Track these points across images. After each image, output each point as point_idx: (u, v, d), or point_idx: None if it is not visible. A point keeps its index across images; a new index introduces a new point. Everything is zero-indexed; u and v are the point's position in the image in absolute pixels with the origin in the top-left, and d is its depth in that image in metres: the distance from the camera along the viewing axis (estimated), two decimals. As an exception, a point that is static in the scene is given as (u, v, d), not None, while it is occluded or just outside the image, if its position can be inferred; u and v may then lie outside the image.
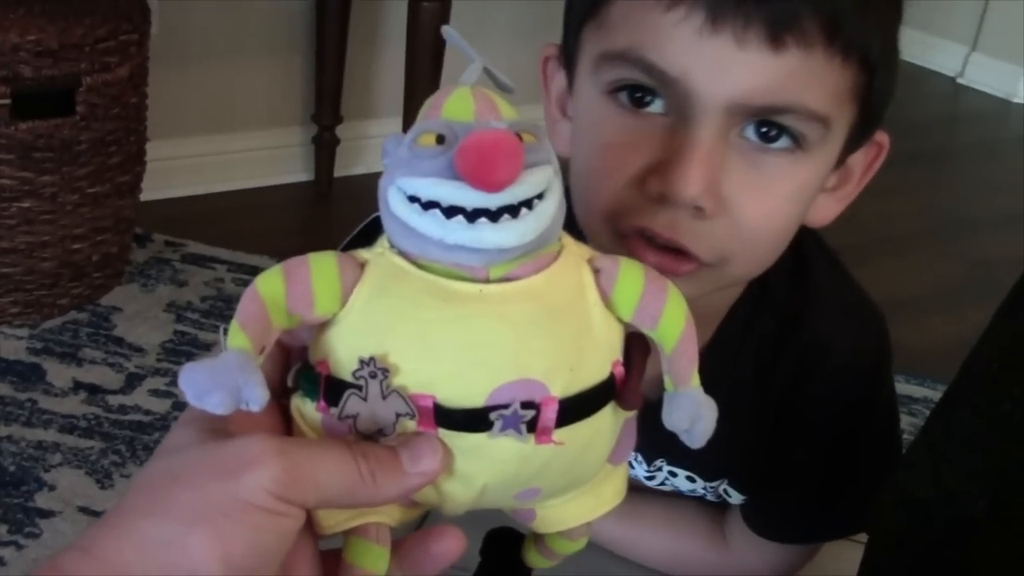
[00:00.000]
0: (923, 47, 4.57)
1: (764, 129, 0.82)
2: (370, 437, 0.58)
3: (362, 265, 0.59)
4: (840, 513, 1.03)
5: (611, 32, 0.84)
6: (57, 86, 1.99)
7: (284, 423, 0.62)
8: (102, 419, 1.92)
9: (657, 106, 0.83)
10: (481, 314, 0.57)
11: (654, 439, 1.02)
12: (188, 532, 0.53)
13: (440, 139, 0.56)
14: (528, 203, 0.56)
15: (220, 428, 0.58)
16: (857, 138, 0.89)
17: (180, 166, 2.69)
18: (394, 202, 0.57)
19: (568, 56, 0.92)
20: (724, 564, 1.10)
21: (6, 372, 2.00)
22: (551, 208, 0.58)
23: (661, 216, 0.84)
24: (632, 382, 0.62)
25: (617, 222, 0.86)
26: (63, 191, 2.06)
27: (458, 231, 0.56)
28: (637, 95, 0.84)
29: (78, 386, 1.99)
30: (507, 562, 0.71)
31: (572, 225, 0.85)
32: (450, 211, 0.55)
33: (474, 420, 0.57)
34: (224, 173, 2.78)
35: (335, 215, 2.82)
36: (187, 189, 2.72)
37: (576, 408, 0.58)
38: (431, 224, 0.56)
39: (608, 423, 0.62)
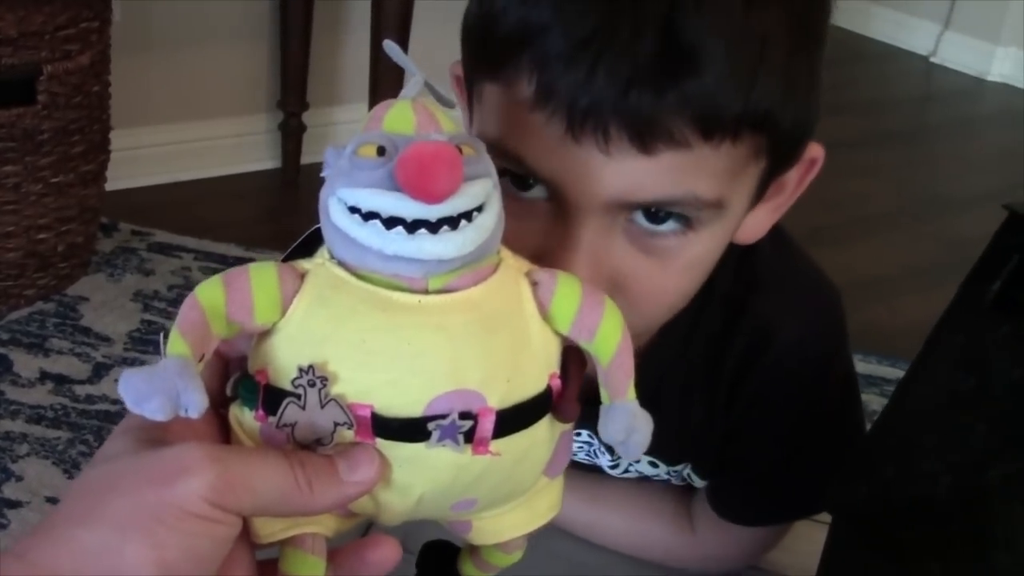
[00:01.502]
0: (896, 26, 4.59)
1: (652, 211, 0.79)
2: (308, 446, 0.58)
3: (302, 275, 0.60)
4: (800, 495, 1.03)
5: (486, 115, 0.81)
6: (17, 74, 1.96)
7: (222, 432, 0.62)
8: (69, 409, 1.90)
9: (539, 191, 0.80)
10: (419, 324, 0.57)
11: None
12: (123, 539, 0.53)
13: (380, 151, 0.57)
14: (467, 215, 0.57)
15: (157, 437, 0.58)
16: (778, 171, 0.85)
17: (146, 155, 2.67)
18: (334, 212, 0.58)
19: (468, 87, 0.88)
20: (689, 547, 1.09)
21: (-29, 362, 1.99)
22: (490, 220, 0.59)
23: None
24: (568, 394, 0.62)
25: None
26: (26, 181, 2.04)
27: (397, 242, 0.56)
28: (518, 179, 0.80)
29: (45, 376, 1.98)
30: (443, 574, 0.71)
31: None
32: (390, 222, 0.56)
33: (411, 430, 0.57)
34: (190, 161, 2.76)
35: (302, 202, 2.80)
36: (153, 178, 2.70)
37: (513, 419, 0.59)
38: (371, 234, 0.56)
39: (544, 435, 0.62)
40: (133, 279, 2.30)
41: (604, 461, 1.08)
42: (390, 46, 0.65)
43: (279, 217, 2.70)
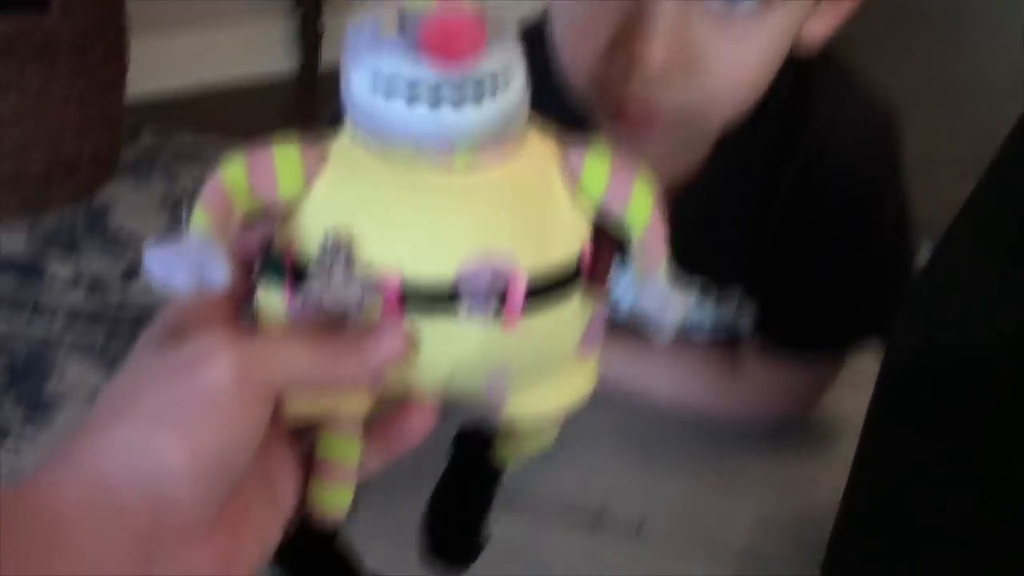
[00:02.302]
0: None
1: None
2: (335, 322, 0.58)
3: (325, 152, 0.59)
4: (849, 320, 1.02)
5: None
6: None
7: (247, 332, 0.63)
8: (105, 310, 1.92)
9: None
10: (446, 195, 0.57)
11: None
12: (154, 433, 0.53)
13: (402, 25, 0.56)
14: (493, 88, 0.56)
15: (180, 336, 0.58)
16: None
17: (166, 59, 2.66)
18: (356, 86, 0.57)
19: None
20: (736, 395, 1.08)
21: (7, 269, 2.00)
22: (514, 94, 0.58)
23: (633, 81, 0.85)
24: (599, 269, 0.61)
25: (598, 90, 0.86)
26: (47, 88, 2.04)
27: (420, 115, 0.55)
28: None
29: (79, 280, 2.00)
30: (477, 460, 0.71)
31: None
32: (412, 95, 0.55)
33: (440, 298, 0.57)
34: (210, 64, 2.76)
35: (322, 104, 2.79)
36: (173, 82, 2.70)
37: (542, 290, 0.58)
38: (394, 109, 0.56)
39: (576, 310, 0.61)
40: (160, 182, 2.30)
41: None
42: None
43: (299, 117, 2.70)
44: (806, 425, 1.10)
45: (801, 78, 0.97)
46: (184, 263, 0.54)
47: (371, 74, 0.56)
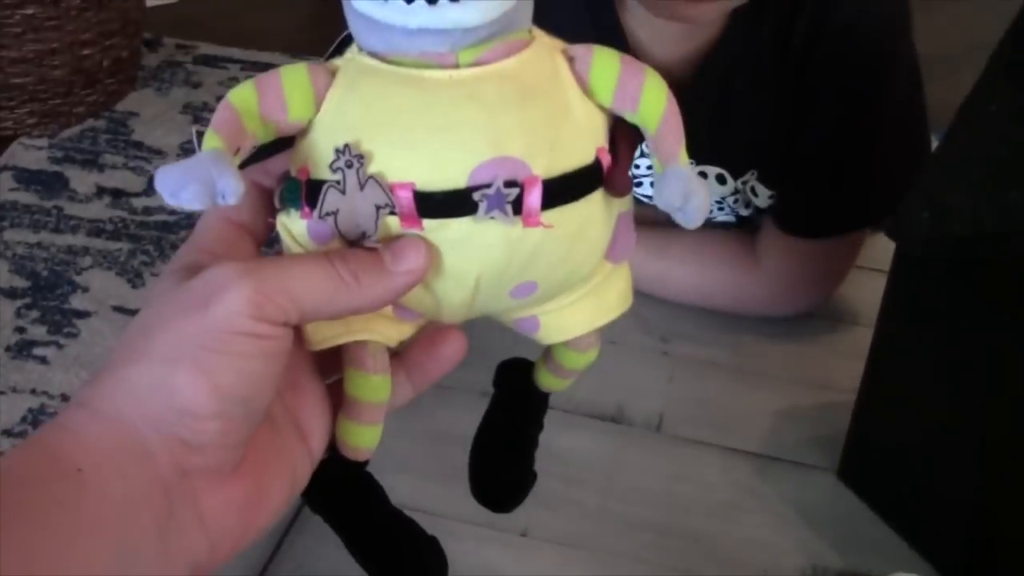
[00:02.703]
0: None
1: None
2: (354, 241, 0.57)
3: (333, 71, 0.58)
4: (864, 199, 1.02)
5: None
6: None
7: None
8: (128, 222, 1.92)
9: None
10: (452, 97, 0.56)
11: (687, 131, 1.02)
12: (173, 371, 0.52)
13: None
14: None
15: (197, 271, 0.57)
16: None
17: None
18: None
19: None
20: (756, 285, 1.08)
21: (30, 182, 2.00)
22: None
23: None
24: (620, 167, 0.60)
25: None
26: (66, -4, 2.03)
27: (420, 14, 0.54)
28: None
29: (101, 191, 2.00)
30: (521, 388, 0.71)
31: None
32: None
33: (457, 202, 0.55)
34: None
35: (342, 14, 2.78)
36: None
37: (561, 189, 0.57)
38: (393, 11, 0.54)
39: (599, 211, 0.60)
40: (181, 92, 2.30)
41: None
42: None
43: (320, 24, 2.68)
44: (823, 315, 1.09)
45: None
46: (194, 177, 0.53)
47: None
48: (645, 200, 1.10)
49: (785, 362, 1.04)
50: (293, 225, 0.58)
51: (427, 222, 0.55)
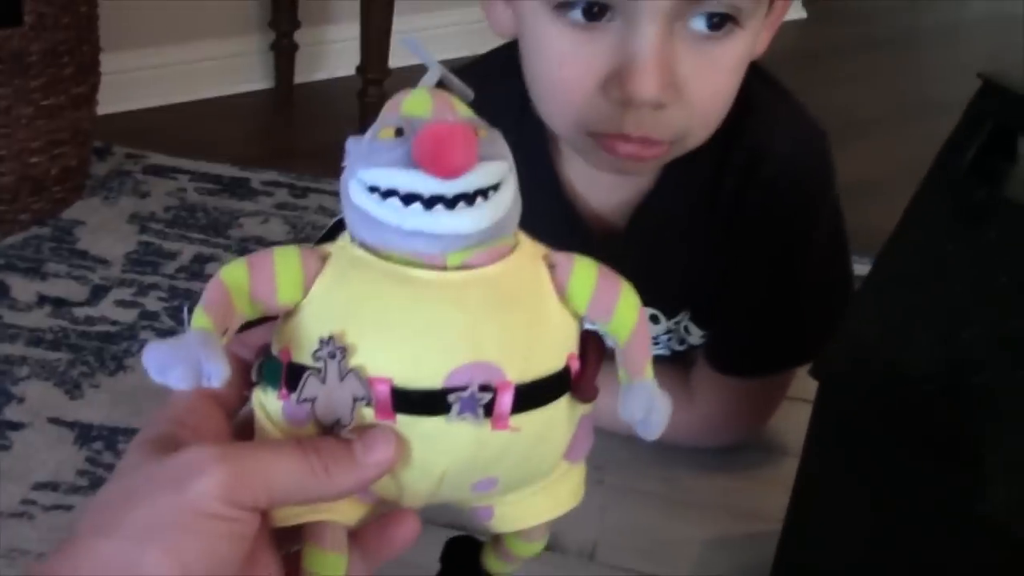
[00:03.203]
0: (885, -67, 4.56)
1: (709, 19, 0.88)
2: (329, 428, 0.58)
3: (324, 257, 0.61)
4: (792, 341, 1.04)
5: None
6: (2, -5, 1.96)
7: (240, 438, 0.63)
8: (68, 331, 1.91)
9: (607, 16, 0.88)
10: (437, 299, 0.58)
11: (618, 271, 1.04)
12: (142, 548, 0.53)
13: (399, 132, 0.59)
14: (483, 192, 0.58)
15: (171, 445, 0.58)
16: None
17: (138, 77, 2.66)
18: (354, 193, 0.59)
19: None
20: (689, 417, 1.10)
21: (-30, 288, 1.99)
22: (506, 200, 0.60)
23: (627, 118, 0.90)
24: (587, 375, 0.63)
25: (587, 128, 0.90)
26: (16, 104, 2.03)
27: (416, 217, 0.57)
28: (594, 11, 0.88)
29: (43, 300, 1.98)
30: (467, 568, 0.72)
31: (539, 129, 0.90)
32: (408, 199, 0.57)
33: (431, 402, 0.57)
34: (183, 83, 2.75)
35: (296, 122, 2.79)
36: (146, 101, 2.69)
37: (531, 394, 0.59)
38: (389, 212, 0.58)
39: (564, 415, 0.63)
40: (129, 201, 2.30)
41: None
42: (408, 41, 0.68)
43: (273, 137, 2.70)
44: (754, 445, 1.11)
45: (739, 96, 0.99)
46: (182, 359, 0.55)
47: (369, 180, 0.59)
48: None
49: (716, 491, 1.05)
50: (269, 403, 0.60)
51: (401, 417, 0.58)
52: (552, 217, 1.07)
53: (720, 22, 0.88)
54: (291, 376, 0.59)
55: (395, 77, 2.56)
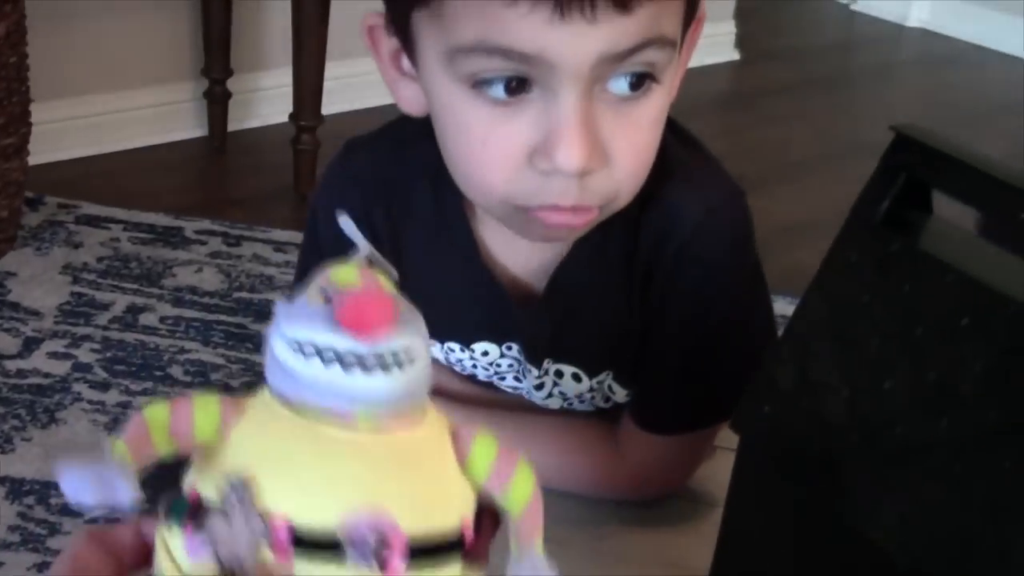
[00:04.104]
0: (816, -26, 4.62)
1: (625, 80, 0.88)
2: (230, 570, 0.60)
3: (243, 406, 0.64)
4: (714, 398, 1.04)
5: (453, 25, 0.87)
6: (-69, 48, 1.95)
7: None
8: (0, 384, 1.90)
9: (527, 89, 0.87)
10: (344, 453, 0.61)
11: (539, 336, 1.04)
12: None
13: (326, 298, 0.61)
14: (398, 361, 0.61)
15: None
16: (688, 24, 0.94)
17: (69, 127, 2.65)
18: (278, 349, 0.62)
19: (399, 28, 0.94)
20: (617, 473, 1.11)
21: (-101, 341, 1.98)
22: (420, 371, 0.62)
23: (555, 189, 0.90)
24: (480, 542, 0.65)
25: (515, 202, 0.90)
26: (-54, 156, 2.03)
27: (333, 377, 0.60)
28: (513, 85, 0.87)
29: (-27, 352, 1.97)
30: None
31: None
32: (328, 358, 0.60)
33: (327, 546, 0.59)
34: (115, 132, 2.75)
35: (230, 169, 2.80)
36: (78, 150, 2.68)
37: (424, 550, 0.61)
38: (309, 369, 0.60)
39: None
40: (61, 252, 2.29)
41: (531, 381, 1.11)
42: (343, 219, 0.70)
43: (207, 185, 2.70)
44: (682, 495, 1.11)
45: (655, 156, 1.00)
46: (95, 481, 0.58)
47: (293, 337, 0.61)
48: (509, 391, 1.13)
49: (644, 544, 1.06)
50: (172, 540, 0.62)
51: (298, 561, 0.59)
52: (470, 282, 1.07)
53: (639, 81, 0.88)
54: (197, 514, 0.61)
55: (328, 124, 2.57)
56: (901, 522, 0.70)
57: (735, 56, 3.80)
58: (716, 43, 3.69)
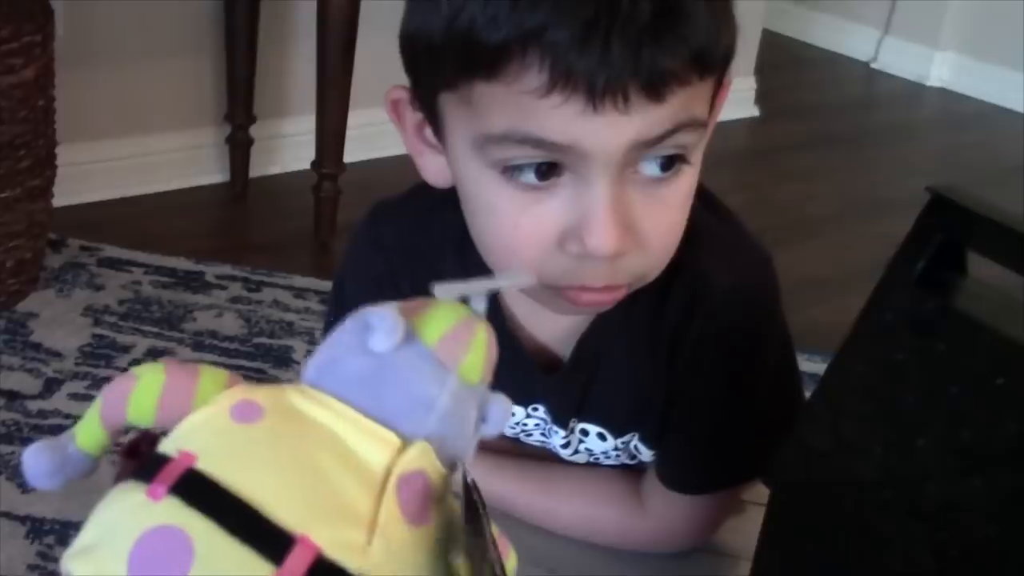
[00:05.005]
0: (837, 32, 4.64)
1: (657, 163, 0.88)
2: None
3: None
4: (742, 459, 1.05)
5: (483, 114, 0.87)
6: (-39, 89, 1.97)
7: None
8: (22, 424, 1.90)
9: (558, 173, 0.87)
10: None
11: (564, 400, 1.04)
12: None
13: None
14: None
15: None
16: (716, 94, 0.93)
17: (93, 170, 2.67)
18: None
19: (425, 105, 0.94)
20: (641, 527, 1.11)
21: (-78, 381, 1.98)
22: None
23: (586, 270, 0.89)
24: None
25: (543, 281, 0.90)
26: (-28, 196, 2.04)
27: None
28: (543, 170, 0.87)
29: (-5, 392, 1.98)
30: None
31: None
32: None
33: None
34: (138, 176, 2.76)
35: (251, 215, 2.81)
36: (101, 193, 2.70)
37: None
38: None
39: None
40: (83, 294, 2.30)
41: (557, 440, 1.11)
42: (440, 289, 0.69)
43: (228, 230, 2.71)
44: (707, 548, 1.11)
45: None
46: (53, 461, 0.58)
47: None
48: (536, 445, 1.13)
49: (669, 595, 1.05)
50: None
51: None
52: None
53: (669, 163, 0.88)
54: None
55: (350, 172, 2.58)
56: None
57: (755, 112, 3.81)
58: (736, 99, 3.69)
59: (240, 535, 0.56)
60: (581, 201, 0.87)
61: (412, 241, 1.09)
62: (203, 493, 0.57)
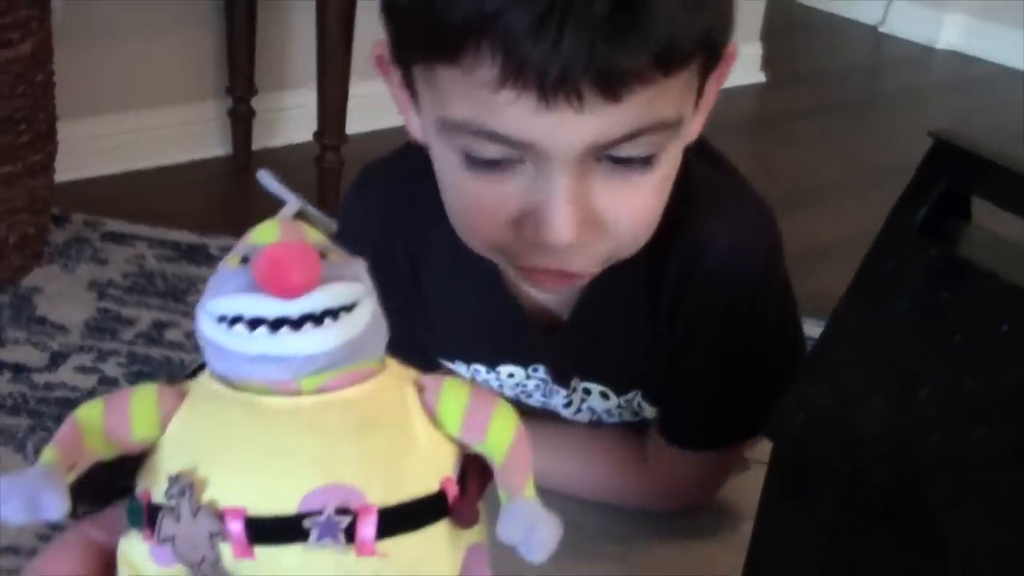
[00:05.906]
0: (843, -3, 4.61)
1: (621, 155, 0.86)
2: (198, 566, 0.57)
3: (183, 394, 0.60)
4: (744, 415, 1.04)
5: (445, 98, 0.86)
6: (-42, 64, 1.96)
7: None
8: (28, 397, 1.90)
9: (520, 159, 0.86)
10: (290, 425, 0.57)
11: (565, 360, 1.04)
12: None
13: (244, 260, 0.58)
14: (333, 313, 0.57)
15: None
16: (708, 74, 0.91)
17: (95, 145, 2.65)
18: (203, 324, 0.59)
19: (402, 69, 0.94)
20: (644, 484, 1.11)
21: (-73, 356, 1.98)
22: (360, 321, 0.59)
23: (546, 255, 0.89)
24: (468, 499, 0.61)
25: (504, 255, 0.89)
26: (-27, 172, 2.03)
27: (261, 341, 0.56)
28: (500, 160, 0.87)
29: (2, 366, 1.97)
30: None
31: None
32: (253, 323, 0.56)
33: (288, 529, 0.56)
34: (140, 150, 2.75)
35: (254, 188, 2.76)
36: (103, 168, 2.68)
37: (399, 519, 0.57)
38: (236, 339, 0.57)
39: (443, 543, 0.60)
40: (87, 269, 2.29)
41: (558, 400, 1.10)
42: (263, 175, 0.67)
43: (231, 204, 2.70)
44: (709, 507, 1.11)
45: (680, 176, 0.98)
46: (19, 494, 0.55)
47: (215, 310, 0.58)
48: (537, 406, 1.13)
49: (671, 555, 1.05)
50: (132, 550, 0.58)
51: (260, 550, 0.56)
52: (493, 310, 1.07)
53: (640, 159, 0.86)
54: (152, 517, 0.58)
55: (353, 143, 2.57)
56: (940, 530, 0.69)
57: (761, 78, 3.79)
58: (742, 65, 3.66)
59: None
60: (540, 188, 0.85)
61: (402, 206, 1.08)
62: None
